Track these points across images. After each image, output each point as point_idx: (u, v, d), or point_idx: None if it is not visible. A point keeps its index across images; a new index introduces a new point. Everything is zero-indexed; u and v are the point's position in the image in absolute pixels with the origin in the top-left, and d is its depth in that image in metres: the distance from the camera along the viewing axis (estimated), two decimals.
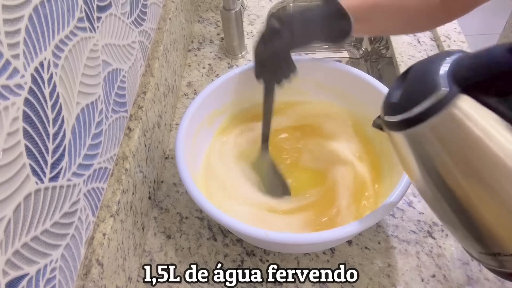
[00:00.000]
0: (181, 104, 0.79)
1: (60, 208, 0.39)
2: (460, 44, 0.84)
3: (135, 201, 0.55)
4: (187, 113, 0.58)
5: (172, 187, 0.66)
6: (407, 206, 0.62)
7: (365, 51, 1.11)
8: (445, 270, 0.55)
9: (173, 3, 0.77)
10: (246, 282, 0.55)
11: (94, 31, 0.46)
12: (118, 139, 0.54)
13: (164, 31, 0.71)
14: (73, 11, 0.41)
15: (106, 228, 0.47)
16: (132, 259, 0.54)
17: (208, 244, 0.59)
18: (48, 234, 0.37)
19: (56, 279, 0.38)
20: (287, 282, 0.55)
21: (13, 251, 0.32)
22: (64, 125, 0.39)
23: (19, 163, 0.32)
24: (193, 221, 0.62)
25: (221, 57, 0.88)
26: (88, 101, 0.45)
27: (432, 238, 0.58)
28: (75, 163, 0.42)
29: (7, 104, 0.31)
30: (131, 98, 0.59)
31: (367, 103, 0.62)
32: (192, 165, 0.57)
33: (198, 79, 0.83)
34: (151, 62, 0.66)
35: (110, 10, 0.51)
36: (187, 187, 0.50)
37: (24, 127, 0.33)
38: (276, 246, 0.54)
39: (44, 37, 0.36)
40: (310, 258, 0.57)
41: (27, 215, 0.34)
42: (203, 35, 0.93)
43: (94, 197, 0.47)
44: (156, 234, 0.61)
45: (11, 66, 0.31)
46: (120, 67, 0.54)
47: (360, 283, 0.54)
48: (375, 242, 0.58)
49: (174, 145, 0.55)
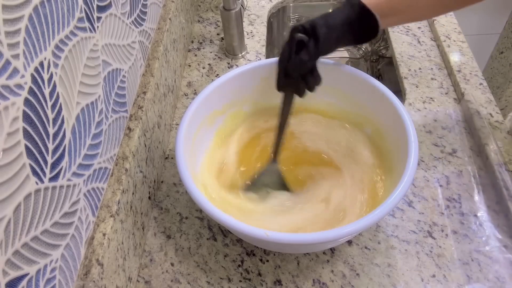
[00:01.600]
0: (181, 104, 0.79)
1: (60, 208, 0.39)
2: (460, 44, 0.84)
3: (135, 201, 0.55)
4: (187, 113, 0.58)
5: (172, 187, 0.66)
6: (407, 206, 0.62)
7: (365, 51, 1.11)
8: (445, 270, 0.55)
9: (173, 3, 0.77)
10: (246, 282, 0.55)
11: (94, 31, 0.46)
12: (118, 139, 0.54)
13: (164, 31, 0.71)
14: (73, 11, 0.41)
15: (106, 228, 0.47)
16: (132, 259, 0.54)
17: (208, 244, 0.59)
18: (48, 234, 0.37)
19: (56, 279, 0.38)
20: (287, 282, 0.55)
21: (13, 251, 0.32)
22: (64, 125, 0.39)
23: (19, 163, 0.32)
24: (193, 221, 0.62)
25: (221, 57, 0.87)
26: (88, 101, 0.45)
27: (432, 238, 0.58)
28: (75, 163, 0.42)
29: (7, 104, 0.31)
30: (131, 98, 0.59)
31: (367, 103, 0.62)
32: (192, 165, 0.57)
33: (198, 79, 0.83)
34: (151, 62, 0.66)
35: (110, 10, 0.51)
36: (187, 187, 0.50)
37: (24, 127, 0.33)
38: (276, 246, 0.54)
39: (44, 37, 0.36)
40: (310, 258, 0.57)
41: (27, 215, 0.34)
42: (203, 35, 0.93)
43: (94, 197, 0.47)
44: (156, 234, 0.61)
45: (11, 66, 0.31)
46: (120, 67, 0.54)
47: (360, 283, 0.54)
48: (375, 242, 0.58)
49: (174, 145, 0.55)
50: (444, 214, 0.60)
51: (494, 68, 1.57)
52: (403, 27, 0.91)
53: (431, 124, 0.72)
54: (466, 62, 0.81)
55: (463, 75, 0.78)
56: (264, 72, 0.65)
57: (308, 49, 0.51)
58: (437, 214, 0.60)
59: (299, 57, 0.52)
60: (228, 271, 0.56)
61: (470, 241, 0.57)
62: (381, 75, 1.00)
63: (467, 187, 0.63)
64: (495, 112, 0.72)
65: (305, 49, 0.51)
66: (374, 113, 0.62)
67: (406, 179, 0.49)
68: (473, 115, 0.70)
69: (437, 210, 0.61)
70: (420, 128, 0.72)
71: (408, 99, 0.76)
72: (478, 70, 0.79)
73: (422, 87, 0.78)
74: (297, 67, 0.53)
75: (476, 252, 0.56)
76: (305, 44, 0.52)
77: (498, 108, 0.72)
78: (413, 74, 0.81)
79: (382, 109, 0.59)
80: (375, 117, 0.62)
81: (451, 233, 0.58)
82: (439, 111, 0.74)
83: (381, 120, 0.61)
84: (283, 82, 0.56)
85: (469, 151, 0.68)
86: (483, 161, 0.66)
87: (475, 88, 0.75)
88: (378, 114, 0.61)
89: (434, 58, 0.84)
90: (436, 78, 0.80)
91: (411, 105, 0.75)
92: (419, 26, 0.91)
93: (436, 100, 0.76)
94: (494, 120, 0.70)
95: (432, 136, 0.70)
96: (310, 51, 0.51)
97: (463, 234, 0.58)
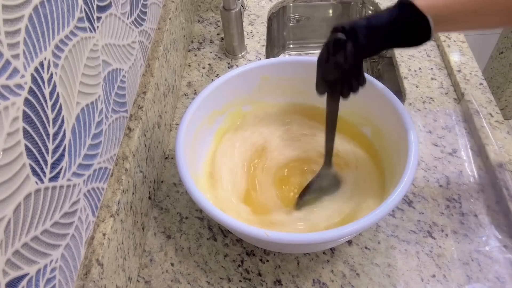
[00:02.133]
0: (181, 104, 0.79)
1: (60, 208, 0.39)
2: (460, 44, 0.84)
3: (135, 201, 0.55)
4: (187, 113, 0.58)
5: (172, 187, 0.66)
6: (407, 206, 0.62)
7: None
8: (445, 270, 0.55)
9: (173, 3, 0.77)
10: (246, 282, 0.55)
11: (94, 31, 0.46)
12: (118, 139, 0.54)
13: (164, 31, 0.71)
14: (73, 11, 0.41)
15: (106, 228, 0.47)
16: (132, 259, 0.54)
17: (208, 244, 0.59)
18: (48, 234, 0.37)
19: (56, 279, 0.38)
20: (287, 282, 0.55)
21: (13, 251, 0.32)
22: (64, 125, 0.39)
23: (19, 163, 0.32)
24: (193, 221, 0.62)
25: (221, 57, 0.87)
26: (88, 101, 0.45)
27: (432, 238, 0.58)
28: (75, 163, 0.42)
29: (7, 104, 0.31)
30: (131, 98, 0.59)
31: (367, 103, 0.62)
32: (192, 165, 0.57)
33: (198, 79, 0.83)
34: (151, 62, 0.66)
35: (110, 10, 0.51)
36: (187, 187, 0.50)
37: (24, 127, 0.33)
38: (276, 246, 0.54)
39: (44, 37, 0.36)
40: (310, 258, 0.57)
41: (27, 215, 0.34)
42: (203, 35, 0.93)
43: (94, 197, 0.47)
44: (156, 234, 0.61)
45: (11, 66, 0.31)
46: (120, 67, 0.54)
47: (360, 283, 0.54)
48: (375, 242, 0.58)
49: (174, 145, 0.55)
50: (444, 214, 0.60)
51: (494, 68, 1.57)
52: None
53: (431, 124, 0.72)
54: (466, 62, 0.81)
55: (463, 75, 0.78)
56: (264, 72, 0.65)
57: (345, 50, 0.48)
58: (437, 214, 0.60)
59: (335, 59, 0.49)
60: (228, 271, 0.56)
61: (470, 241, 0.57)
62: (381, 75, 1.00)
63: (467, 187, 0.63)
64: (495, 112, 0.72)
65: (342, 51, 0.48)
66: (374, 113, 0.62)
67: (406, 179, 0.49)
68: (473, 115, 0.70)
69: (437, 210, 0.61)
70: (420, 128, 0.72)
71: (408, 99, 0.76)
72: (478, 70, 0.79)
73: (422, 87, 0.78)
74: (333, 70, 0.50)
75: (476, 252, 0.56)
76: (343, 44, 0.48)
77: (498, 108, 0.72)
78: (413, 74, 0.81)
79: (382, 109, 0.59)
80: (375, 117, 0.62)
81: (451, 233, 0.58)
82: (439, 111, 0.74)
83: (381, 120, 0.61)
84: (321, 84, 0.53)
85: (469, 151, 0.68)
86: (483, 161, 0.66)
87: (475, 88, 0.75)
88: (378, 114, 0.61)
89: (434, 58, 0.84)
90: (436, 78, 0.80)
91: (411, 105, 0.75)
92: None
93: (436, 100, 0.76)
94: (494, 120, 0.70)
95: (432, 136, 0.70)
96: (347, 52, 0.48)
97: (463, 234, 0.58)
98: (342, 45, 0.48)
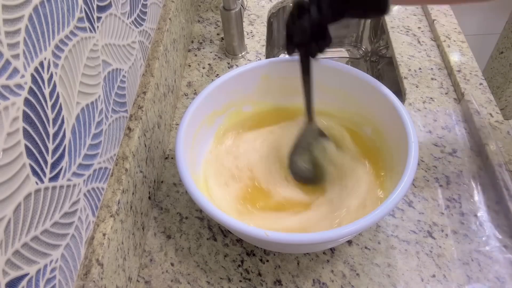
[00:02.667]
0: (181, 104, 0.79)
1: (60, 208, 0.39)
2: (460, 44, 0.84)
3: (135, 201, 0.55)
4: (187, 113, 0.58)
5: (172, 187, 0.66)
6: (407, 206, 0.62)
7: (365, 51, 1.11)
8: (445, 270, 0.55)
9: (173, 3, 0.77)
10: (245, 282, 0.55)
11: (94, 31, 0.46)
12: (118, 139, 0.54)
13: (164, 31, 0.71)
14: (73, 11, 0.41)
15: (106, 228, 0.47)
16: (132, 259, 0.54)
17: (208, 244, 0.59)
18: (48, 234, 0.37)
19: (56, 279, 0.38)
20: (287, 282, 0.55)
21: (13, 251, 0.32)
22: (64, 125, 0.39)
23: (19, 163, 0.32)
24: (193, 221, 0.62)
25: (221, 57, 0.88)
26: (88, 101, 0.45)
27: (432, 238, 0.58)
28: (75, 163, 0.42)
29: (7, 104, 0.31)
30: (131, 98, 0.59)
31: (367, 103, 0.62)
32: (192, 165, 0.57)
33: (198, 79, 0.83)
34: (151, 62, 0.66)
35: (110, 10, 0.51)
36: (187, 187, 0.50)
37: (24, 127, 0.33)
38: (276, 246, 0.54)
39: (44, 37, 0.36)
40: (310, 258, 0.57)
41: (27, 215, 0.34)
42: (203, 35, 0.93)
43: (94, 197, 0.47)
44: (156, 234, 0.61)
45: (11, 66, 0.31)
46: (120, 67, 0.54)
47: (360, 283, 0.54)
48: (375, 242, 0.58)
49: (174, 145, 0.55)
50: (444, 214, 0.60)
51: (494, 68, 1.57)
52: (403, 27, 0.91)
53: (431, 124, 0.72)
54: (466, 62, 0.81)
55: (463, 75, 0.78)
56: (264, 71, 0.65)
57: (310, 14, 0.51)
58: (437, 214, 0.60)
59: (299, 23, 0.52)
60: (228, 271, 0.56)
61: (470, 241, 0.57)
62: (381, 75, 1.00)
63: (467, 187, 0.63)
64: (495, 112, 0.72)
65: (306, 15, 0.51)
66: (374, 113, 0.62)
67: (406, 179, 0.49)
68: (473, 115, 0.70)
69: (437, 210, 0.61)
70: (420, 128, 0.72)
71: (408, 99, 0.76)
72: (478, 70, 0.79)
73: (422, 87, 0.78)
74: (298, 33, 0.53)
75: (476, 252, 0.56)
76: (306, 9, 0.51)
77: (498, 108, 0.72)
78: (413, 74, 0.81)
79: (382, 109, 0.59)
80: (375, 117, 0.62)
81: (451, 233, 0.58)
82: (439, 111, 0.74)
83: (381, 120, 0.61)
84: (290, 45, 0.56)
85: (469, 151, 0.68)
86: (483, 161, 0.66)
87: (475, 88, 0.75)
88: (378, 114, 0.61)
89: (434, 58, 0.84)
90: (436, 78, 0.80)
91: (411, 105, 0.75)
92: (419, 26, 0.91)
93: (436, 100, 0.76)
94: (494, 120, 0.70)
95: (432, 136, 0.70)
96: (311, 16, 0.51)
97: (463, 234, 0.58)
98: (307, 9, 0.51)
